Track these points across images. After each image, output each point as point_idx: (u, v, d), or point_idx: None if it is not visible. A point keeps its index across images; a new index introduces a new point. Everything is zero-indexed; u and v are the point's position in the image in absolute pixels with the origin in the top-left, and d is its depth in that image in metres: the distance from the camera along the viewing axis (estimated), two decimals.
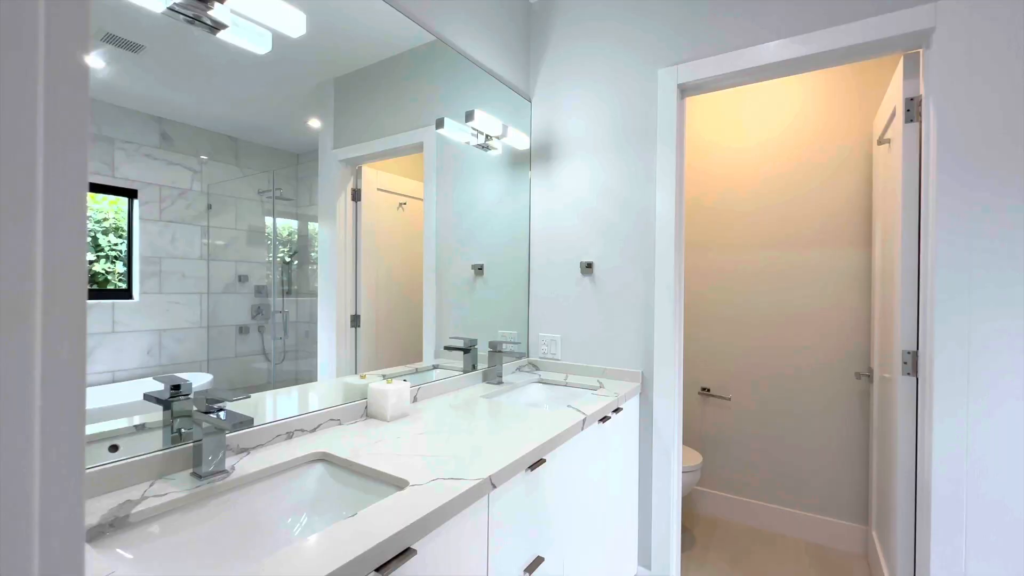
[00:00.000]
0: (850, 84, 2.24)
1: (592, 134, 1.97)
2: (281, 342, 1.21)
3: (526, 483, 1.10)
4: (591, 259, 1.97)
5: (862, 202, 2.22)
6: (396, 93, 1.54)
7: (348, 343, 1.40)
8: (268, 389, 1.17)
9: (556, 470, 1.24)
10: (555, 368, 2.04)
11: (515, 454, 1.04)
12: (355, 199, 1.43)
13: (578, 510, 1.38)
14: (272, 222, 1.18)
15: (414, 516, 0.76)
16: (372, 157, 1.48)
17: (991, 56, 1.29)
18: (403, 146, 1.61)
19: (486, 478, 0.92)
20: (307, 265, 1.26)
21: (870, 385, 2.17)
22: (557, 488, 1.25)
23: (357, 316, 1.44)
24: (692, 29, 1.75)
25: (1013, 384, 1.27)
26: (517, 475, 1.05)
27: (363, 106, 1.42)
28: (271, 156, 1.18)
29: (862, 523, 2.22)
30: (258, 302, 1.15)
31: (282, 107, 1.20)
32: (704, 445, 2.60)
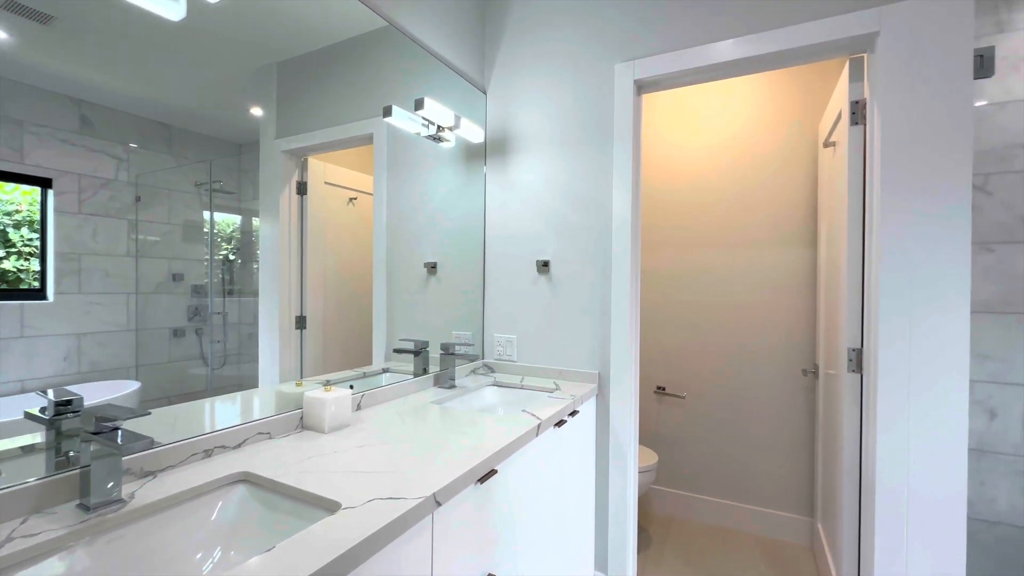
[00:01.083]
0: (798, 88, 2.30)
1: (548, 128, 1.92)
2: (221, 346, 1.10)
3: (476, 497, 1.02)
4: (547, 257, 1.91)
5: (808, 203, 2.28)
6: (344, 81, 1.43)
7: (292, 346, 1.29)
8: (206, 396, 1.06)
9: (509, 481, 1.17)
10: (511, 370, 1.98)
11: (463, 467, 0.96)
12: (300, 193, 1.32)
13: (533, 520, 1.31)
14: (210, 216, 1.08)
15: (342, 547, 0.66)
16: (319, 148, 1.37)
17: (932, 61, 1.32)
18: (352, 137, 1.50)
19: (430, 496, 0.83)
20: (252, 263, 1.17)
21: (816, 381, 2.24)
22: (510, 500, 1.18)
23: (303, 317, 1.32)
24: (649, 25, 1.72)
25: (951, 381, 1.31)
26: (466, 489, 0.97)
27: (308, 94, 1.32)
28: (210, 145, 1.08)
29: (808, 516, 2.29)
30: (195, 303, 1.05)
31: (220, 92, 1.09)
32: (660, 444, 2.61)
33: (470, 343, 1.93)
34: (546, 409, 1.42)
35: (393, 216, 1.63)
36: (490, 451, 1.05)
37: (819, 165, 2.20)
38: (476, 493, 1.02)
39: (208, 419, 1.04)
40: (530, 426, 1.26)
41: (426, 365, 1.73)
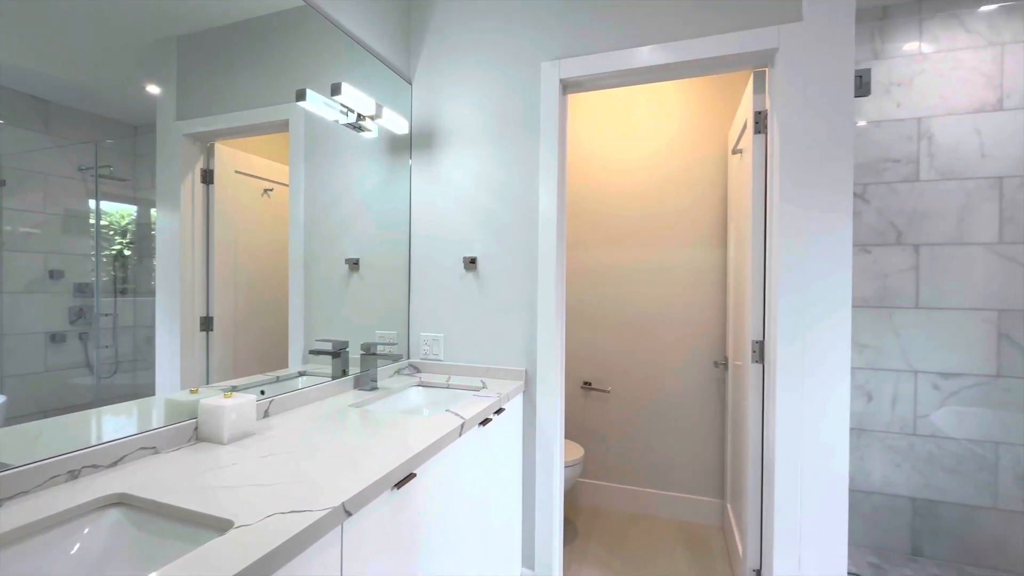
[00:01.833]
0: (712, 98, 2.46)
1: (476, 123, 1.89)
2: (111, 351, 0.97)
3: (392, 504, 0.97)
4: (475, 254, 1.89)
5: (720, 206, 2.45)
6: (256, 62, 1.32)
7: (197, 350, 1.16)
8: (92, 408, 0.93)
9: (429, 484, 1.13)
10: (437, 370, 1.93)
11: (378, 472, 0.91)
12: (206, 181, 1.20)
13: (457, 522, 1.28)
14: (96, 205, 0.95)
15: (228, 571, 0.59)
16: (228, 133, 1.25)
17: (821, 78, 1.46)
18: (265, 123, 1.39)
19: (338, 506, 0.78)
20: (150, 259, 1.06)
21: (726, 373, 2.40)
22: (431, 503, 1.14)
23: (209, 318, 1.20)
24: (575, 26, 1.75)
25: (837, 371, 1.45)
26: (381, 496, 0.92)
27: (214, 73, 1.20)
28: (98, 126, 0.95)
29: (719, 498, 2.45)
30: (79, 303, 0.92)
31: (111, 65, 0.96)
32: (586, 438, 2.69)
33: (394, 342, 1.85)
34: (471, 408, 1.40)
35: (312, 209, 1.52)
36: (408, 455, 1.01)
37: (729, 171, 2.36)
38: (393, 499, 0.97)
39: (81, 434, 0.90)
40: (453, 426, 1.22)
41: (346, 367, 1.63)
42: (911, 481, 2.10)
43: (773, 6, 1.52)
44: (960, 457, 2.04)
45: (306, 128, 1.50)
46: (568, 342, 2.70)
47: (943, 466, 2.06)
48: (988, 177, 2.01)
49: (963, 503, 2.04)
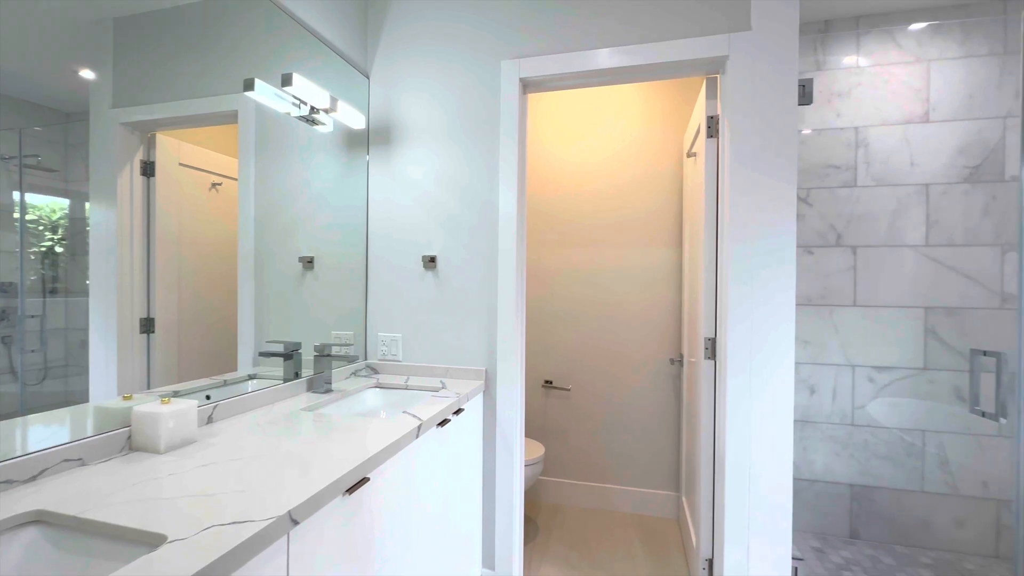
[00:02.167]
0: (669, 103, 2.53)
1: (435, 120, 1.86)
2: (39, 356, 0.90)
3: (344, 510, 0.94)
4: (434, 253, 1.86)
5: (676, 208, 2.52)
6: (202, 48, 1.25)
7: (136, 353, 1.09)
8: (16, 417, 0.86)
9: (384, 488, 1.11)
10: (396, 370, 1.89)
11: (329, 478, 0.87)
12: (147, 174, 1.12)
13: (413, 525, 1.26)
14: (20, 198, 0.89)
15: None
16: (171, 123, 1.18)
17: (768, 85, 1.52)
18: (213, 113, 1.32)
19: (284, 515, 0.74)
20: (85, 256, 0.98)
21: (681, 369, 2.48)
22: (387, 507, 1.11)
23: (150, 320, 1.13)
24: (535, 26, 1.75)
25: (783, 367, 1.52)
26: (331, 502, 0.89)
27: (156, 58, 1.13)
28: (24, 112, 0.88)
29: (675, 491, 2.53)
30: (1, 304, 0.85)
31: (38, 47, 0.89)
32: (548, 436, 2.70)
33: (350, 343, 1.80)
34: (429, 409, 1.37)
35: (263, 205, 1.46)
36: (361, 459, 0.98)
37: (684, 174, 2.43)
38: (344, 506, 0.94)
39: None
40: (409, 428, 1.20)
41: (298, 369, 1.57)
42: (849, 469, 2.24)
43: (724, 15, 1.57)
44: (891, 445, 2.19)
45: (257, 120, 1.43)
46: (529, 341, 2.71)
47: (877, 454, 2.21)
48: (916, 184, 2.17)
49: (894, 488, 2.19)
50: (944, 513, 2.15)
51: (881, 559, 2.09)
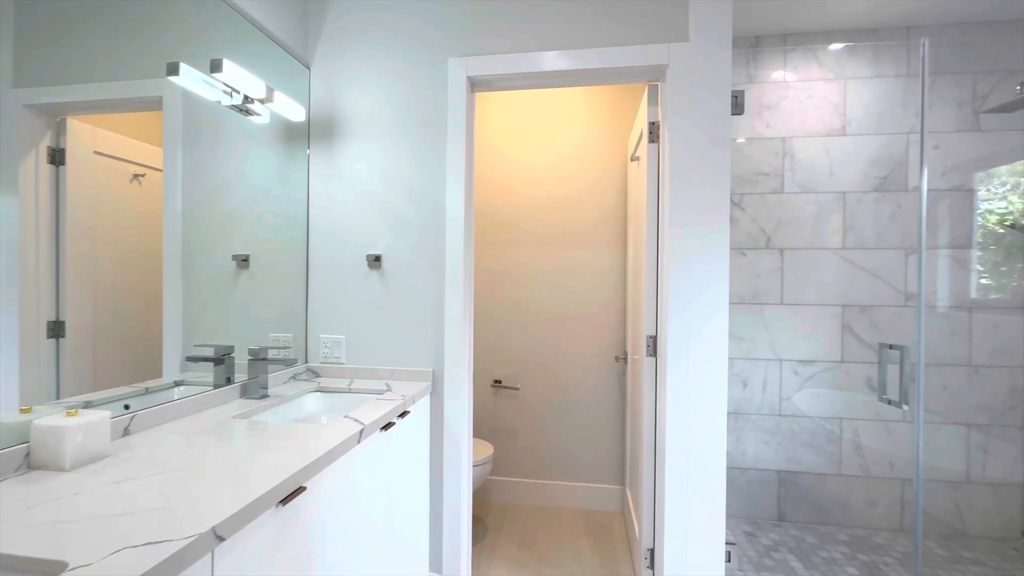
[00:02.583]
0: (614, 108, 2.60)
1: (381, 116, 1.81)
2: None
3: (278, 522, 0.89)
4: (379, 252, 1.81)
5: (621, 209, 2.60)
6: (122, 26, 1.15)
7: (44, 361, 0.98)
8: None
9: (324, 496, 1.06)
10: (339, 374, 1.82)
11: (259, 489, 0.83)
12: (55, 162, 1.02)
13: (356, 533, 1.22)
14: None
15: None
16: (85, 107, 1.08)
17: (706, 92, 1.60)
18: (133, 98, 1.22)
19: (207, 531, 0.69)
20: None
21: (626, 367, 2.56)
22: (327, 516, 1.07)
23: (59, 323, 1.02)
24: (483, 25, 1.74)
25: (717, 362, 1.60)
26: (263, 515, 0.84)
27: (67, 34, 1.03)
28: None
29: (620, 484, 2.61)
30: None
31: None
32: (497, 435, 2.71)
33: (288, 346, 1.72)
34: (372, 412, 1.33)
35: (192, 199, 1.36)
36: (297, 467, 0.93)
37: (628, 177, 2.51)
38: (278, 517, 0.89)
39: None
40: (351, 432, 1.16)
41: (231, 374, 1.48)
42: (777, 456, 2.40)
43: (664, 25, 1.64)
44: (814, 433, 2.37)
45: (184, 107, 1.34)
46: (479, 341, 2.70)
47: (801, 441, 2.38)
48: (835, 192, 2.35)
49: (816, 472, 2.37)
50: (858, 493, 2.35)
51: (805, 539, 2.25)
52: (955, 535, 2.28)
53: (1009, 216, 2.25)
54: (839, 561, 2.08)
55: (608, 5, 1.66)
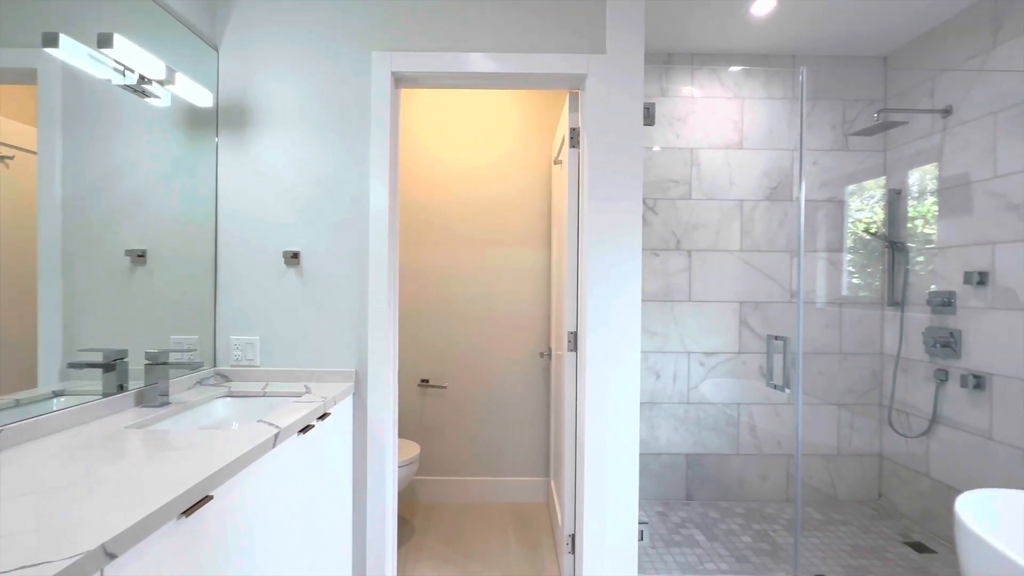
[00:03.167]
0: (541, 111, 2.68)
1: (299, 106, 1.73)
2: None
3: (180, 534, 0.84)
4: (297, 248, 1.73)
5: (546, 210, 2.69)
6: None
7: None
8: None
9: (233, 505, 1.01)
10: (252, 377, 1.72)
11: (159, 500, 0.77)
12: None
13: (273, 541, 1.17)
14: None
15: None
16: None
17: (622, 103, 1.70)
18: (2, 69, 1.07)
19: (96, 548, 0.64)
20: None
21: (550, 362, 2.65)
22: (237, 526, 1.02)
23: None
24: (410, 20, 1.72)
25: (632, 353, 1.71)
26: (163, 528, 0.79)
27: None
28: None
29: (545, 476, 2.70)
30: None
31: None
32: (424, 435, 2.69)
33: (194, 348, 1.60)
34: (289, 416, 1.28)
35: (76, 187, 1.22)
36: (202, 476, 0.88)
37: (552, 179, 2.61)
38: (181, 529, 0.84)
39: None
40: (265, 437, 1.11)
41: (124, 381, 1.35)
42: (686, 441, 2.61)
43: (584, 37, 1.72)
44: (716, 418, 2.61)
45: (65, 84, 1.19)
46: (406, 341, 2.67)
47: (706, 426, 2.61)
48: (734, 200, 2.61)
49: (719, 453, 2.62)
50: (753, 470, 2.63)
51: (709, 514, 2.48)
52: (828, 501, 2.63)
53: (873, 224, 2.63)
54: (736, 532, 2.31)
55: (533, 13, 1.72)
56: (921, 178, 2.40)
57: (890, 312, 2.56)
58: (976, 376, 2.07)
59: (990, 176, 2.03)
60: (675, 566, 2.02)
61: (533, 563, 2.10)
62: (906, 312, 2.45)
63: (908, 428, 2.44)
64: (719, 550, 2.15)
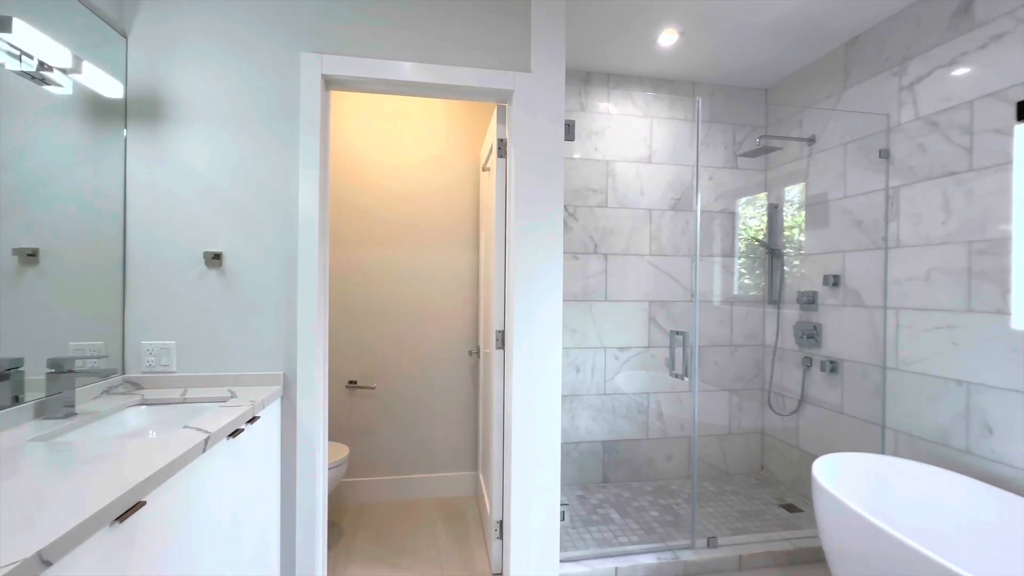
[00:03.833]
0: (471, 119, 2.77)
1: (222, 102, 1.67)
2: None
3: (114, 541, 0.83)
4: (220, 249, 1.68)
5: (474, 214, 2.79)
6: None
7: None
8: None
9: (165, 511, 1.00)
10: (169, 383, 1.64)
11: (90, 508, 0.77)
12: None
13: (203, 546, 1.15)
14: None
15: None
16: None
17: (545, 118, 1.85)
18: None
19: (33, 556, 0.64)
20: None
21: (478, 360, 2.76)
22: (169, 533, 1.01)
23: None
24: (340, 24, 1.74)
25: (554, 350, 1.87)
26: (96, 535, 0.78)
27: None
28: None
29: (474, 470, 2.80)
30: None
31: None
32: (353, 436, 2.68)
33: (103, 355, 1.50)
34: (217, 420, 1.27)
35: None
36: (132, 482, 0.87)
37: (480, 184, 2.71)
38: (114, 536, 0.83)
39: None
40: (195, 442, 1.10)
41: (20, 392, 1.24)
42: (603, 429, 2.85)
43: (512, 55, 1.84)
44: (629, 407, 2.88)
45: None
46: (333, 342, 2.63)
47: (620, 414, 2.87)
48: (644, 209, 2.88)
49: (631, 439, 2.88)
50: (660, 452, 2.93)
51: (622, 494, 2.73)
52: (721, 475, 3.00)
53: (759, 233, 3.04)
54: (646, 508, 2.58)
55: (465, 30, 1.81)
56: (793, 195, 2.83)
57: (770, 309, 2.98)
58: (832, 361, 2.50)
59: (842, 196, 2.46)
60: (592, 542, 2.22)
61: (463, 553, 2.19)
62: (782, 309, 2.87)
63: (783, 408, 2.86)
64: (631, 525, 2.39)
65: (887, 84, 2.20)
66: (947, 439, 1.92)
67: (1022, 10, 1.69)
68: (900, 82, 2.14)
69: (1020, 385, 1.68)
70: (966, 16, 1.87)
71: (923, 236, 2.03)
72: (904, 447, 2.10)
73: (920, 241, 2.04)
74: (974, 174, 1.83)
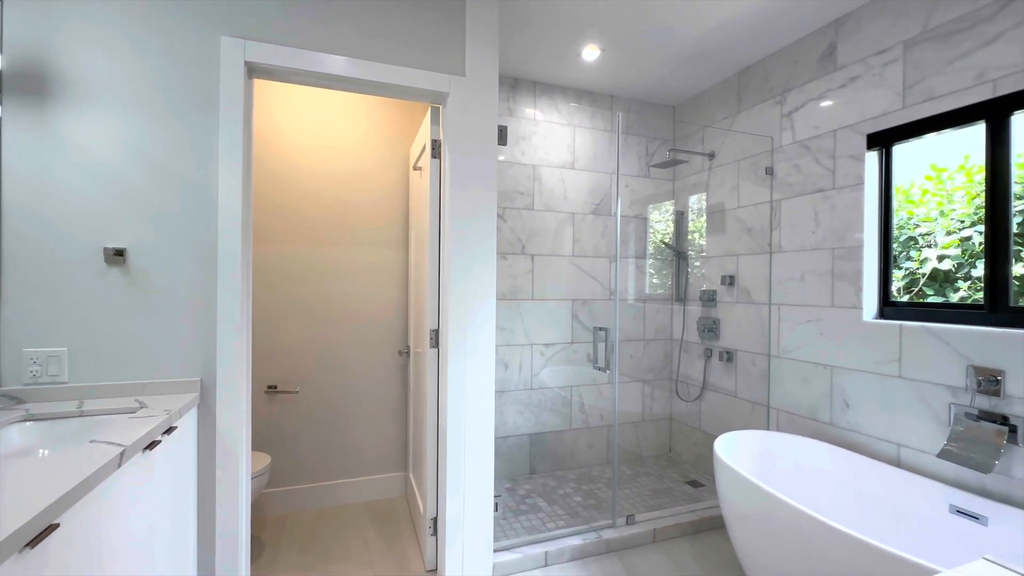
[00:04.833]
0: (400, 118, 2.74)
1: (131, 84, 1.51)
2: None
3: (25, 568, 0.75)
4: (124, 244, 1.52)
5: (403, 213, 2.76)
6: None
7: None
8: None
9: (80, 531, 0.91)
10: (58, 396, 1.45)
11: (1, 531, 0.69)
12: None
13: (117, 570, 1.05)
14: None
15: None
16: None
17: (479, 122, 1.90)
18: None
19: None
20: None
21: (408, 359, 2.74)
22: (84, 556, 0.92)
23: None
24: (270, 9, 1.65)
25: (487, 347, 1.93)
26: (5, 563, 0.70)
27: None
28: None
29: (403, 471, 2.78)
30: None
31: None
32: (274, 444, 2.53)
33: None
34: (128, 433, 1.16)
35: None
36: (44, 503, 0.79)
37: (410, 184, 2.70)
38: (25, 563, 0.75)
39: None
40: (109, 456, 1.01)
41: None
42: (529, 423, 2.97)
43: (447, 58, 1.87)
44: (554, 400, 3.03)
45: None
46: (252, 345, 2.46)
47: (546, 408, 3.01)
48: (567, 212, 3.05)
49: (556, 430, 3.04)
50: (582, 441, 3.11)
51: (548, 483, 2.87)
52: (636, 459, 3.26)
53: (667, 237, 3.34)
54: (570, 494, 2.74)
55: (400, 28, 1.80)
56: (696, 203, 3.16)
57: (677, 306, 3.29)
58: (728, 352, 2.83)
59: (736, 206, 2.80)
60: (523, 531, 2.32)
61: (395, 553, 2.18)
62: (687, 306, 3.19)
63: (688, 394, 3.18)
64: (557, 511, 2.53)
65: (771, 111, 2.55)
66: (816, 414, 2.28)
67: (872, 58, 2.06)
68: (781, 110, 2.49)
69: (869, 367, 2.05)
70: (831, 58, 2.24)
71: (799, 243, 2.38)
72: (784, 423, 2.46)
73: (796, 247, 2.39)
74: (836, 192, 2.20)
